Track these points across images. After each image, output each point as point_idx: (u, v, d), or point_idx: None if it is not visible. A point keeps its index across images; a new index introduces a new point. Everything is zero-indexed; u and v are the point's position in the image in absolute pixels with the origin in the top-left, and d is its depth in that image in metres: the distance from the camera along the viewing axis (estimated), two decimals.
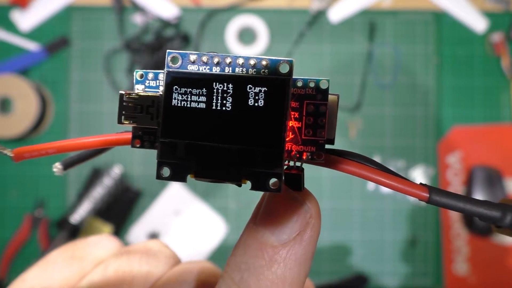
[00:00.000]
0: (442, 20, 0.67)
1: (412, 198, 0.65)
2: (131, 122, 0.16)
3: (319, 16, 0.66)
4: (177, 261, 0.22)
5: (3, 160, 0.65)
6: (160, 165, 0.16)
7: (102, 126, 0.65)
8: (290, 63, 0.15)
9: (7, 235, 0.64)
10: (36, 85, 0.64)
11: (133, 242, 0.64)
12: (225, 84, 0.16)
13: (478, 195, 0.62)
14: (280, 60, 0.16)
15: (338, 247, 0.65)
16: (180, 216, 0.65)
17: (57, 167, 0.18)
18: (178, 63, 0.16)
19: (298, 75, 0.16)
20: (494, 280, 0.64)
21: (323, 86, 0.16)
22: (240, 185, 0.16)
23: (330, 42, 0.66)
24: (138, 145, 0.17)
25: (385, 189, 0.65)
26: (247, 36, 0.66)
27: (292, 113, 0.16)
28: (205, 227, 0.65)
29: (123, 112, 0.16)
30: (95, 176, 0.63)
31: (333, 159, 0.16)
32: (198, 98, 0.16)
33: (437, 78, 0.66)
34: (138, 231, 0.64)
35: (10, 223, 0.64)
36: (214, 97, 0.16)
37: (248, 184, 0.16)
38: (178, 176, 0.16)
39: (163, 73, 0.16)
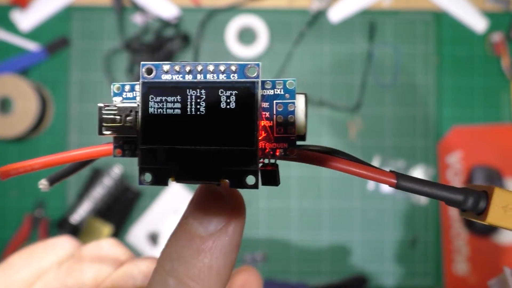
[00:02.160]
0: (442, 20, 0.67)
1: (412, 199, 0.65)
2: (111, 132, 0.17)
3: (319, 16, 0.66)
4: (128, 258, 0.23)
5: (3, 160, 0.64)
6: (141, 171, 0.17)
7: None
8: (258, 67, 0.16)
9: (7, 235, 0.64)
10: (36, 85, 0.64)
11: (133, 242, 0.64)
12: (198, 90, 0.17)
13: None
14: (248, 64, 0.17)
15: (338, 247, 0.65)
16: (180, 216, 0.65)
17: (43, 183, 0.19)
18: (153, 74, 0.17)
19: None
20: None
21: (290, 86, 0.17)
22: (219, 185, 0.17)
23: (330, 42, 0.66)
24: (119, 155, 0.18)
25: (385, 189, 0.65)
26: (247, 36, 0.66)
27: (263, 113, 0.17)
28: None
29: (103, 124, 0.17)
30: (95, 176, 0.63)
31: (305, 153, 0.17)
32: (173, 104, 0.17)
33: (437, 78, 0.66)
34: (138, 231, 0.64)
35: (10, 223, 0.64)
36: (188, 102, 0.17)
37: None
38: (159, 180, 0.17)
39: (139, 84, 0.17)
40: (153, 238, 0.64)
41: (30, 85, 0.62)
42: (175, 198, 0.65)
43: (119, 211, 0.64)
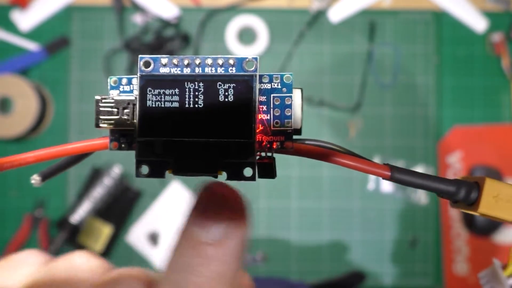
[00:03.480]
0: (442, 20, 0.67)
1: (412, 198, 0.65)
2: (108, 125, 0.17)
3: (319, 16, 0.66)
4: (105, 272, 0.21)
5: None
6: (138, 163, 0.17)
7: None
8: (256, 60, 0.17)
9: (7, 235, 0.64)
10: (36, 85, 0.64)
11: (133, 242, 0.64)
12: (196, 83, 0.17)
13: None
14: (246, 58, 0.17)
15: (338, 247, 0.65)
16: (180, 216, 0.65)
17: (35, 178, 0.18)
18: (151, 67, 0.17)
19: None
20: None
21: (287, 80, 0.17)
22: (216, 177, 0.17)
23: (330, 42, 0.66)
24: (116, 148, 0.18)
25: (385, 189, 0.65)
26: (247, 36, 0.66)
27: (261, 106, 0.17)
28: None
29: (100, 116, 0.17)
30: (95, 176, 0.63)
31: (301, 147, 0.17)
32: (172, 97, 0.17)
33: (437, 78, 0.66)
34: (138, 231, 0.64)
35: (10, 223, 0.64)
36: (187, 95, 0.17)
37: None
38: (156, 172, 0.17)
39: (137, 77, 0.17)
40: (153, 238, 0.64)
41: (30, 85, 0.62)
42: (175, 198, 0.65)
43: (119, 211, 0.64)
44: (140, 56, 0.17)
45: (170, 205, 0.65)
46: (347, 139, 0.66)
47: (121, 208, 0.64)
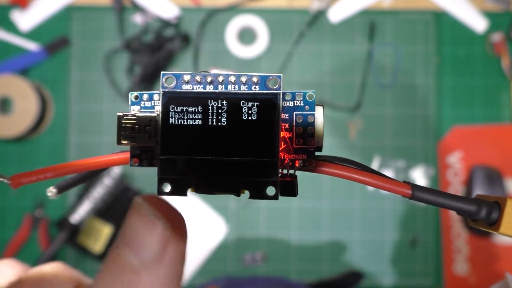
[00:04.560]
0: (442, 20, 0.67)
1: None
2: (129, 142, 0.17)
3: (319, 16, 0.66)
4: (79, 284, 0.21)
5: (3, 160, 0.65)
6: (160, 181, 0.17)
7: (102, 127, 0.65)
8: (279, 79, 0.17)
9: (7, 235, 0.64)
10: (36, 85, 0.64)
11: None
12: (219, 101, 0.17)
13: None
14: (270, 76, 0.17)
15: (338, 247, 0.65)
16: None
17: (51, 191, 0.18)
18: (173, 83, 0.17)
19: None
20: (494, 280, 0.64)
21: (310, 98, 0.17)
22: (239, 195, 0.17)
23: (330, 42, 0.66)
24: (136, 164, 0.17)
25: None
26: (247, 36, 0.66)
27: (283, 124, 0.17)
28: (205, 227, 0.65)
29: (122, 133, 0.17)
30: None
31: (323, 164, 0.17)
32: (194, 115, 0.17)
33: (437, 78, 0.66)
34: None
35: (10, 223, 0.64)
36: (210, 113, 0.17)
37: (247, 193, 0.17)
38: (178, 190, 0.17)
39: (159, 93, 0.17)
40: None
41: (30, 85, 0.62)
42: (175, 198, 0.65)
43: (119, 211, 0.64)
44: (162, 72, 0.17)
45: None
46: (347, 139, 0.66)
47: (121, 208, 0.64)
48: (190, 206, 0.65)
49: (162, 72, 0.17)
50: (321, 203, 0.65)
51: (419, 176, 0.65)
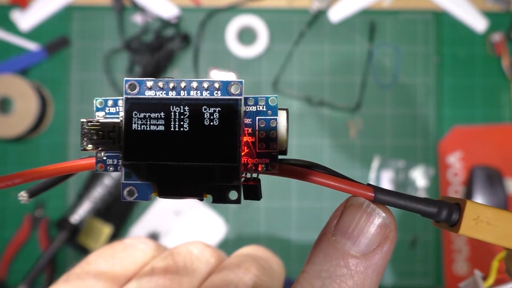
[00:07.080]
0: (442, 20, 0.67)
1: None
2: (94, 147, 0.17)
3: (319, 16, 0.66)
4: (220, 261, 0.23)
5: (3, 160, 0.65)
6: (124, 187, 0.17)
7: None
8: (241, 84, 0.17)
9: (7, 235, 0.64)
10: (36, 85, 0.64)
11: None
12: (182, 107, 0.17)
13: (478, 195, 0.62)
14: (231, 81, 0.17)
15: None
16: (180, 216, 0.65)
17: (22, 195, 0.18)
18: (136, 90, 0.17)
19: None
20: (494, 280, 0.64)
21: (272, 103, 0.17)
22: (202, 200, 0.17)
23: (330, 42, 0.66)
24: (102, 169, 0.18)
25: None
26: (247, 36, 0.66)
27: (246, 129, 0.17)
28: (205, 227, 0.65)
29: (85, 139, 0.17)
30: (95, 176, 0.63)
31: (286, 168, 0.17)
32: (157, 121, 0.17)
33: (437, 78, 0.66)
34: (138, 231, 0.64)
35: (10, 223, 0.64)
36: (172, 119, 0.17)
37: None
38: (142, 196, 0.17)
39: (122, 99, 0.17)
40: (153, 238, 0.64)
41: (30, 85, 0.62)
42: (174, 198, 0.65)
43: (119, 211, 0.64)
44: (125, 78, 0.17)
45: (170, 205, 0.65)
46: (347, 139, 0.66)
47: (121, 208, 0.64)
48: (190, 206, 0.65)
49: (125, 79, 0.17)
50: (321, 203, 0.65)
51: (419, 176, 0.65)
